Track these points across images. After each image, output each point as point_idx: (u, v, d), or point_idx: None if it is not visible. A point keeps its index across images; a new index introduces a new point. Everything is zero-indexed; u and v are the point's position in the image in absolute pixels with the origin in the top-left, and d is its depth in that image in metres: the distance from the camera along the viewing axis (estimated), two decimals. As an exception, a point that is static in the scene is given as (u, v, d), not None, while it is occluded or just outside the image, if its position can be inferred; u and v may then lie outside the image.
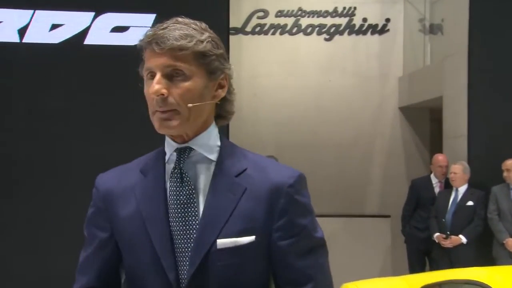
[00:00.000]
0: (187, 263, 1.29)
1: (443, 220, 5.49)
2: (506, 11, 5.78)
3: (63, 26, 4.84)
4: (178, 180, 1.33)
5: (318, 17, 8.08)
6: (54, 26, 4.82)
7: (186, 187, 1.32)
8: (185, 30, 1.29)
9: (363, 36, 8.07)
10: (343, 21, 8.07)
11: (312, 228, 1.36)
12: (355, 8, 8.07)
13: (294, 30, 8.07)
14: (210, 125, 1.38)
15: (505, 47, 5.76)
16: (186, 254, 1.30)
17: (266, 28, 8.04)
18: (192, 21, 1.34)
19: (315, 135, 7.88)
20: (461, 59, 5.94)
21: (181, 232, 1.31)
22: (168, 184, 1.34)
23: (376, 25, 8.07)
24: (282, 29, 8.05)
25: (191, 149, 1.34)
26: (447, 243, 5.38)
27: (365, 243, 7.23)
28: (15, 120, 4.81)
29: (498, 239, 5.29)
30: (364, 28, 8.06)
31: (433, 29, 7.89)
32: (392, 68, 8.05)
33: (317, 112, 7.92)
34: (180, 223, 1.31)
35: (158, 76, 1.27)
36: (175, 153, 1.35)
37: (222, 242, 1.29)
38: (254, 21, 8.03)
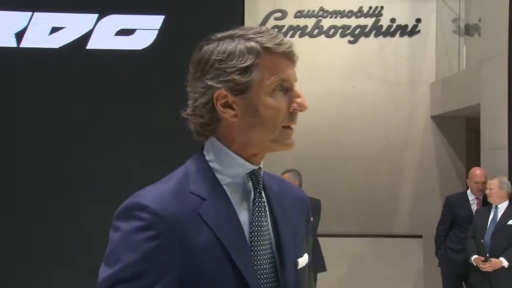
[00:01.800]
0: None
1: (482, 241, 5.43)
2: (550, 9, 5.74)
3: (64, 29, 4.88)
4: (262, 205, 1.34)
5: (341, 17, 8.10)
6: (54, 29, 4.87)
7: (265, 212, 1.35)
8: None
9: (391, 38, 8.07)
10: (369, 21, 8.08)
11: None
12: (382, 7, 8.08)
13: (315, 32, 8.10)
14: None
15: (549, 49, 5.72)
16: (268, 282, 1.31)
17: (284, 29, 8.07)
18: None
19: (338, 146, 7.87)
20: (500, 62, 5.90)
21: (261, 260, 1.31)
22: (236, 208, 1.32)
23: (406, 26, 8.07)
24: (302, 31, 8.09)
25: (260, 169, 1.37)
26: (486, 267, 5.32)
27: (394, 266, 7.18)
28: (13, 131, 4.86)
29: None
30: (392, 29, 8.07)
31: (469, 30, 7.86)
32: (423, 73, 8.03)
33: (341, 122, 7.91)
34: (260, 249, 1.32)
35: (296, 88, 1.31)
36: (247, 175, 1.34)
37: (300, 261, 1.36)
38: (272, 22, 8.08)
